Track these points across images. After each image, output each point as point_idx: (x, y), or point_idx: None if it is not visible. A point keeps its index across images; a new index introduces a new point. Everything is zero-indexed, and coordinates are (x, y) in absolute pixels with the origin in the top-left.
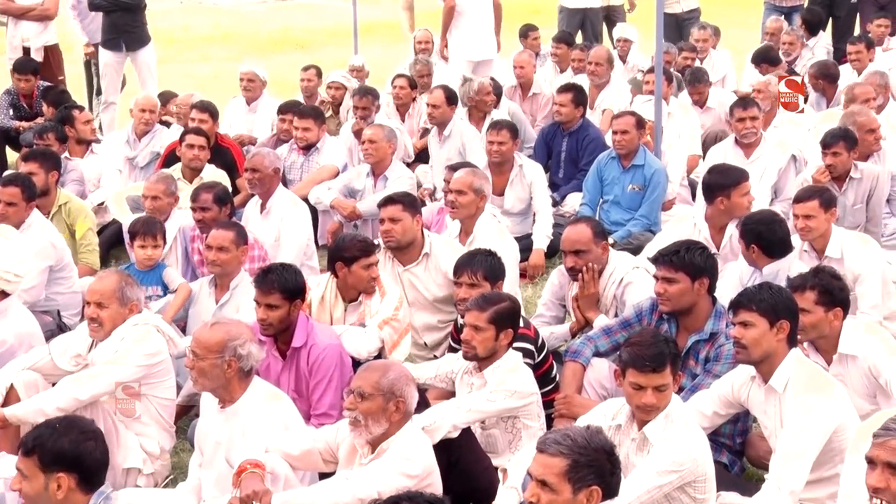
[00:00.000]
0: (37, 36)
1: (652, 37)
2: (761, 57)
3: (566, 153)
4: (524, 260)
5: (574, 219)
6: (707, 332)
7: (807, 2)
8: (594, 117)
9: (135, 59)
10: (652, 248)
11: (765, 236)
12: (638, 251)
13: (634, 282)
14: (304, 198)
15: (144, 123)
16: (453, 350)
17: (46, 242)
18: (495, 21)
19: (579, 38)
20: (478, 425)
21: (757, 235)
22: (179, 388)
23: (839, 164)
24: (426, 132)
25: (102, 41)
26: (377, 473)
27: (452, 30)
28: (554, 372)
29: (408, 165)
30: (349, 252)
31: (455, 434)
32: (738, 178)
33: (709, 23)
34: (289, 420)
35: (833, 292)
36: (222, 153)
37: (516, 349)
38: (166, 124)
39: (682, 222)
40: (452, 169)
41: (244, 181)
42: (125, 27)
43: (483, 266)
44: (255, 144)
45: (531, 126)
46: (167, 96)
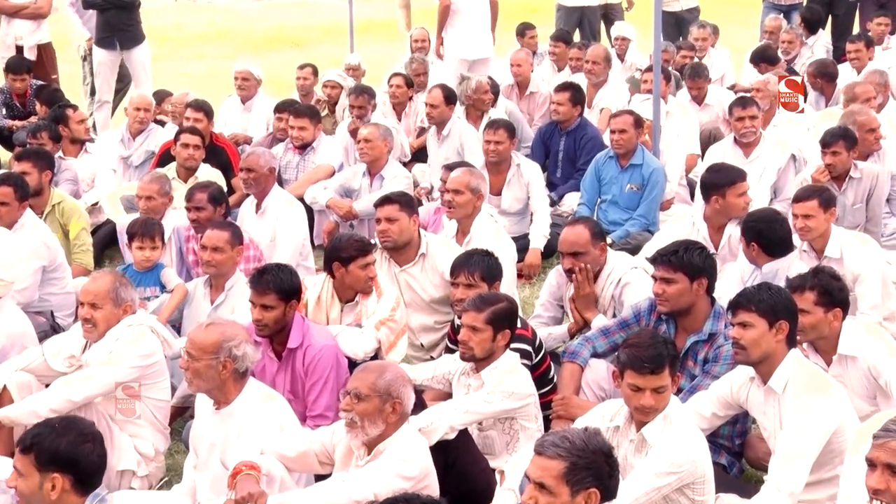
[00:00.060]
0: (30, 34)
1: (650, 35)
2: (760, 56)
3: (564, 152)
4: (521, 260)
5: (572, 220)
6: (706, 333)
7: (806, 0)
8: (592, 116)
9: (129, 58)
10: (650, 248)
11: (765, 234)
12: (636, 251)
13: (633, 282)
14: (300, 197)
15: (139, 122)
16: (450, 351)
17: (39, 242)
18: (491, 19)
19: (577, 37)
20: (475, 427)
21: (757, 233)
22: (174, 390)
23: (839, 164)
24: (423, 131)
25: (96, 39)
26: (373, 475)
27: (448, 28)
28: (552, 373)
29: (404, 165)
30: (346, 252)
31: (452, 435)
32: (734, 178)
33: (708, 21)
34: (284, 421)
35: (832, 293)
36: (217, 153)
37: (514, 350)
38: (161, 123)
39: (681, 222)
40: (449, 168)
41: (239, 181)
42: (119, 25)
43: (480, 266)
44: (251, 144)
45: (528, 125)
46: (162, 95)
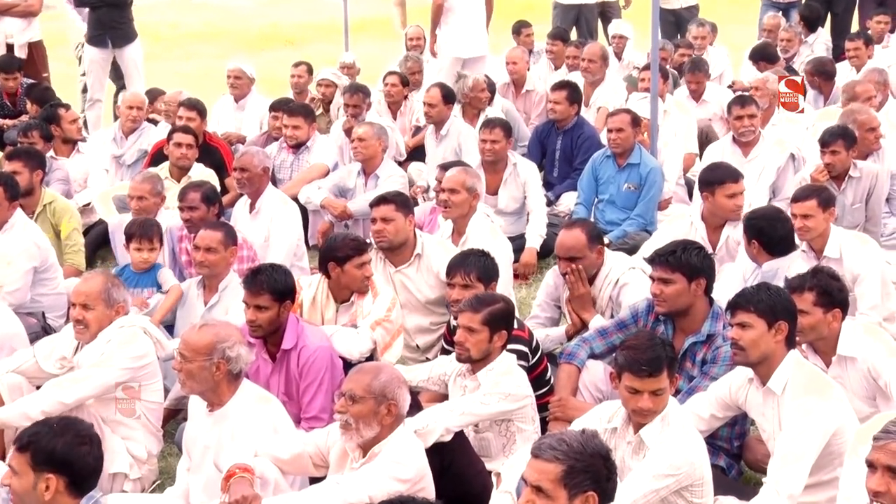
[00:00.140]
0: (21, 32)
1: (648, 33)
2: (759, 54)
3: (561, 152)
4: (517, 260)
5: (569, 223)
6: (704, 334)
7: None
8: (589, 115)
9: (121, 56)
10: (648, 249)
11: (766, 232)
12: (634, 251)
13: (630, 283)
14: (294, 197)
15: (132, 121)
16: (446, 352)
17: (30, 243)
18: (486, 17)
19: (574, 35)
20: (471, 429)
21: (758, 231)
22: (167, 392)
23: (838, 163)
24: (418, 130)
25: (88, 37)
26: (368, 478)
27: (442, 26)
28: (548, 374)
29: (400, 164)
30: (342, 251)
31: (448, 437)
32: (724, 178)
33: (706, 19)
34: (278, 423)
35: (832, 293)
36: (211, 152)
37: (510, 351)
38: (153, 122)
39: (679, 222)
40: (444, 168)
41: (233, 181)
42: (111, 23)
43: (476, 267)
44: (244, 143)
45: (525, 124)
46: (155, 94)
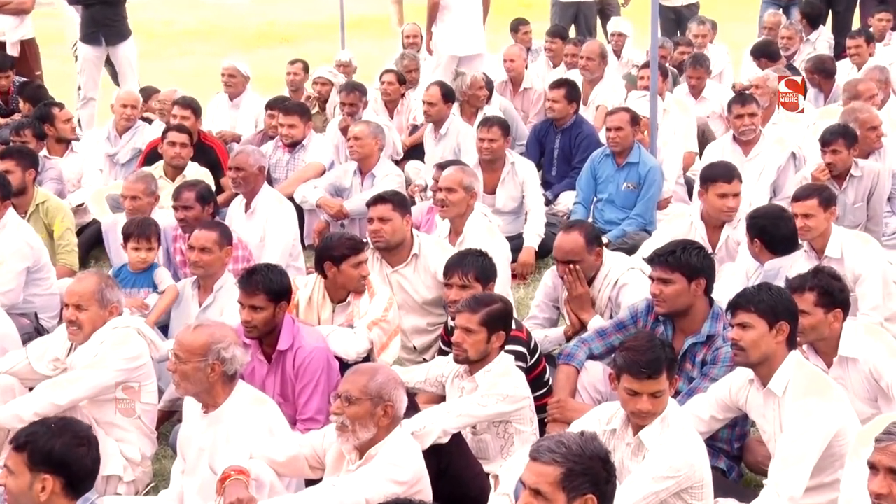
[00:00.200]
0: (13, 30)
1: (647, 31)
2: (761, 51)
3: (559, 150)
4: (515, 260)
5: (567, 225)
6: (704, 335)
7: None
8: (588, 113)
9: (115, 54)
10: (647, 248)
11: (768, 231)
12: (633, 251)
13: (630, 283)
14: (290, 196)
15: (126, 119)
16: (443, 353)
17: (23, 243)
18: (483, 14)
19: (572, 33)
20: (469, 430)
21: (761, 229)
22: (161, 393)
23: (839, 162)
24: (415, 129)
25: (81, 35)
26: (365, 480)
27: (439, 23)
28: (547, 375)
29: (397, 163)
30: (338, 251)
31: (445, 439)
32: (716, 176)
33: (707, 17)
34: (274, 425)
35: (833, 293)
36: (206, 151)
37: (508, 352)
38: (148, 121)
39: (678, 221)
40: (441, 167)
41: (228, 180)
42: (105, 21)
43: (474, 267)
44: (239, 142)
45: (523, 122)
46: (149, 92)
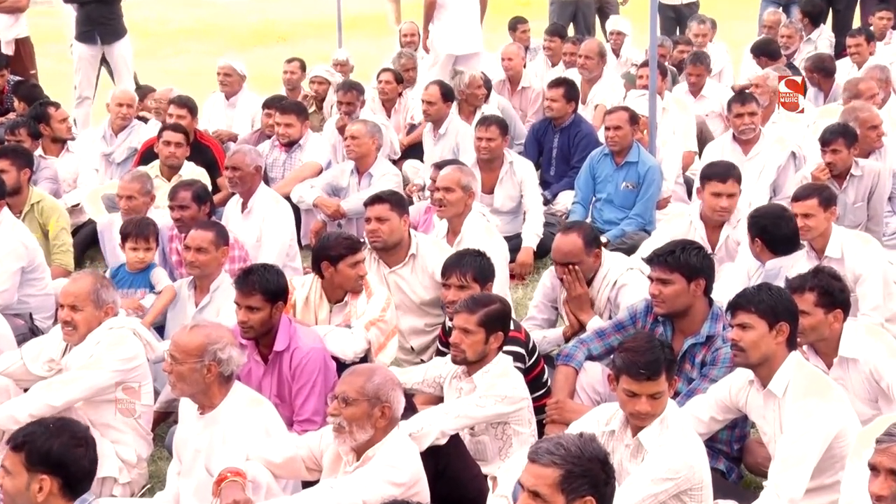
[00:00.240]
0: (7, 29)
1: (646, 29)
2: (761, 49)
3: (558, 150)
4: (514, 260)
5: (565, 227)
6: (703, 336)
7: None
8: (586, 113)
9: (110, 53)
10: (646, 249)
11: (769, 230)
12: (632, 251)
13: (629, 284)
14: (287, 196)
15: (121, 118)
16: (441, 354)
17: (17, 243)
18: (480, 13)
19: (571, 31)
20: (467, 432)
21: (761, 229)
22: (157, 394)
23: (839, 162)
24: (413, 128)
25: (76, 34)
26: (362, 482)
27: (435, 22)
28: (545, 376)
29: (394, 163)
30: (335, 250)
31: (443, 441)
32: (711, 175)
33: (707, 16)
34: (271, 426)
35: (833, 293)
36: (202, 150)
37: (506, 353)
38: (143, 120)
39: (678, 221)
40: (438, 167)
41: (225, 179)
42: (100, 19)
43: (472, 267)
44: (236, 141)
45: (521, 122)
46: (145, 91)
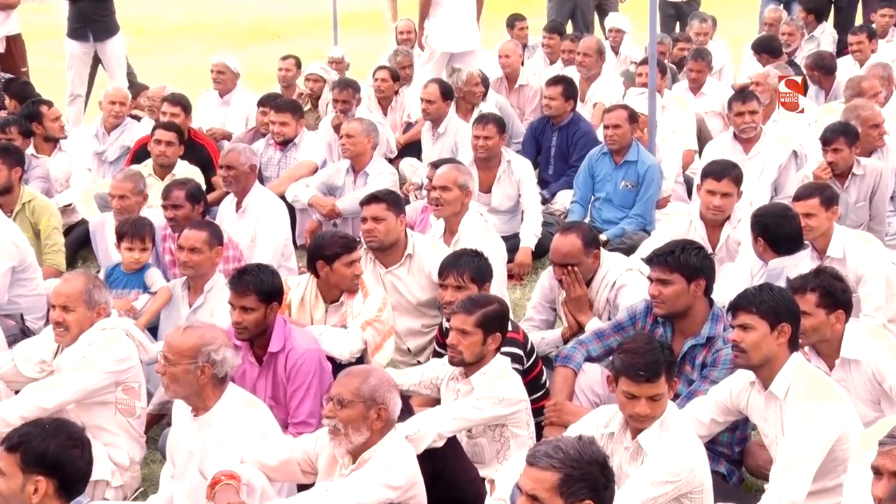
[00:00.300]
0: None
1: (645, 27)
2: (763, 46)
3: (556, 148)
4: (511, 260)
5: (564, 227)
6: (704, 337)
7: None
8: (585, 111)
9: (102, 50)
10: (646, 249)
11: (771, 229)
12: (631, 251)
13: (628, 284)
14: (282, 195)
15: (114, 116)
16: (438, 355)
17: (8, 242)
18: (476, 10)
19: (570, 29)
20: (464, 434)
21: (764, 228)
22: (150, 396)
23: (840, 161)
24: (409, 126)
25: (68, 31)
26: (358, 485)
27: (431, 19)
28: (544, 378)
29: (390, 161)
30: (330, 249)
31: (440, 443)
32: (707, 172)
33: (708, 14)
34: (265, 429)
35: (835, 294)
36: (196, 149)
37: (504, 354)
38: (136, 118)
39: (678, 221)
40: (435, 165)
41: (219, 178)
42: (92, 16)
43: (470, 267)
44: (230, 139)
45: (519, 120)
46: (138, 89)
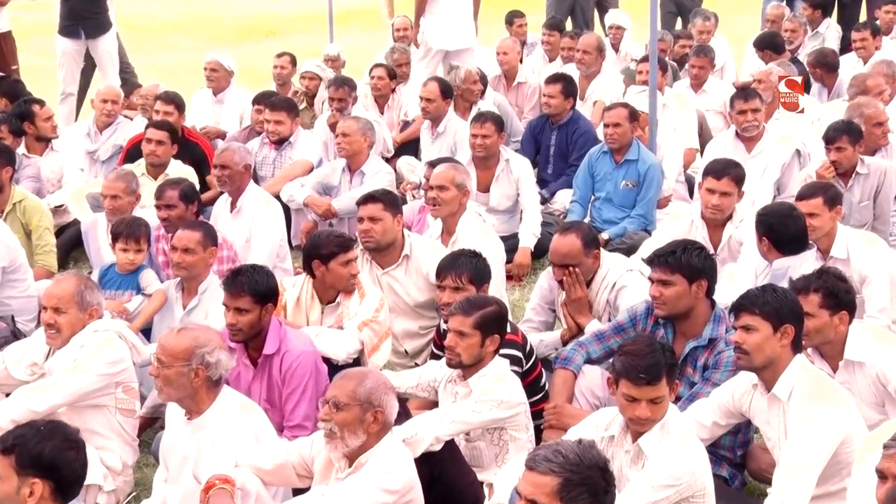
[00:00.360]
0: None
1: (646, 24)
2: (766, 42)
3: (555, 147)
4: (510, 261)
5: (563, 227)
6: (705, 338)
7: None
8: (584, 109)
9: (94, 48)
10: (647, 249)
11: (776, 229)
12: (631, 251)
13: (628, 285)
14: (277, 195)
15: (106, 115)
16: (436, 357)
17: None
18: (473, 7)
19: (569, 26)
20: (462, 437)
21: (768, 227)
22: (143, 399)
23: (844, 160)
24: (406, 125)
25: (60, 28)
26: (355, 489)
27: (427, 15)
28: (543, 380)
29: (387, 160)
30: (326, 248)
31: (438, 447)
32: (707, 171)
33: (711, 11)
34: (260, 432)
35: (838, 295)
36: (190, 147)
37: (503, 356)
38: (128, 117)
39: (679, 220)
40: (432, 165)
41: (213, 177)
42: (84, 13)
43: (468, 268)
44: (224, 138)
45: (518, 118)
46: (130, 87)
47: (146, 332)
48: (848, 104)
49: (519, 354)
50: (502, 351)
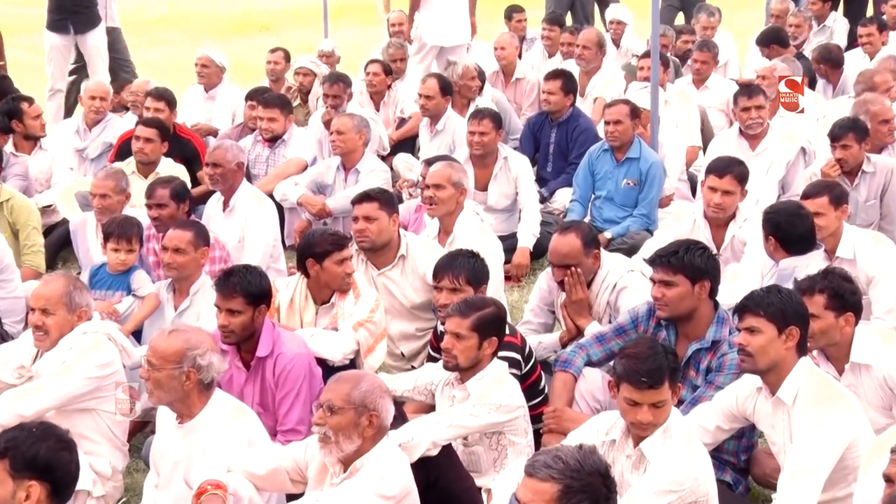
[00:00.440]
0: None
1: (647, 18)
2: (770, 37)
3: (555, 145)
4: (508, 261)
5: (563, 227)
6: (708, 340)
7: None
8: (585, 106)
9: (83, 43)
10: (648, 249)
11: (783, 228)
12: (632, 251)
13: (629, 286)
14: (270, 194)
15: (95, 112)
16: (433, 360)
17: None
18: (470, 3)
19: (569, 20)
20: (460, 442)
21: (775, 226)
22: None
23: (850, 158)
24: (402, 122)
25: (48, 23)
26: (350, 494)
27: (421, 11)
28: (542, 383)
29: (383, 158)
30: (320, 247)
31: (435, 451)
32: (710, 169)
33: (715, 7)
34: (253, 436)
35: (844, 296)
36: (182, 144)
37: (501, 359)
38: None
39: (681, 220)
40: (429, 163)
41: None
42: (73, 8)
43: (465, 269)
44: (216, 135)
45: (516, 115)
46: (120, 83)
47: (136, 334)
48: (854, 101)
49: (518, 357)
50: (501, 353)
